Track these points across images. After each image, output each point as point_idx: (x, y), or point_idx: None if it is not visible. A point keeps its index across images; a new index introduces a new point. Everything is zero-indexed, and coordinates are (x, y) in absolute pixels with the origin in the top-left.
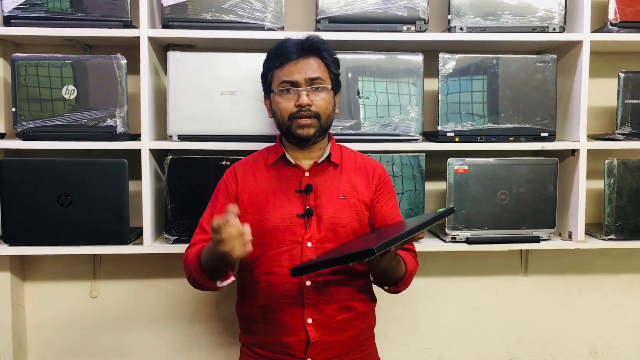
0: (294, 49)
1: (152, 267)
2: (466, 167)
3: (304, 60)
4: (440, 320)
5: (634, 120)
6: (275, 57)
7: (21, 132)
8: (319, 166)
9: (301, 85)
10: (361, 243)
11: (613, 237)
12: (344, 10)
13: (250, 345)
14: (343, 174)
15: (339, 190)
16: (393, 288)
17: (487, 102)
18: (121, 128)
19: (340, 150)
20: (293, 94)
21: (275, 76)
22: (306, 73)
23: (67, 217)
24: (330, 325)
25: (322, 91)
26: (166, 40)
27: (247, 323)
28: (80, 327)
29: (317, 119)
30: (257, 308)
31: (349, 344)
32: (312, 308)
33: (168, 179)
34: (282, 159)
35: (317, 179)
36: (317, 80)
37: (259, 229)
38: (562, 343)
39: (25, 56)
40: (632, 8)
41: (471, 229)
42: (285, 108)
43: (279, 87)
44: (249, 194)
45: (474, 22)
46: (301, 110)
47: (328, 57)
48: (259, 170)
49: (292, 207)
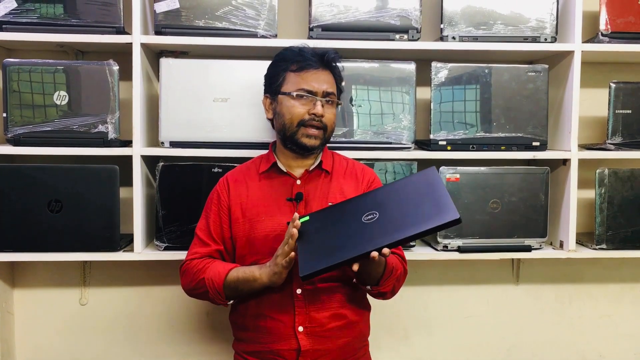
0: (314, 58)
1: (142, 274)
2: (458, 175)
3: (322, 71)
4: (431, 328)
5: (624, 130)
6: (292, 60)
7: (12, 137)
8: (311, 174)
9: (318, 95)
10: (360, 224)
11: (604, 246)
12: (337, 18)
13: (243, 353)
14: (333, 180)
15: (328, 197)
16: (376, 288)
17: (479, 111)
18: (113, 134)
19: (332, 158)
20: (308, 101)
21: (289, 79)
22: (323, 85)
23: (57, 223)
24: (321, 334)
25: (333, 106)
26: (159, 47)
27: (240, 331)
28: (69, 335)
29: (324, 132)
30: (248, 317)
31: (341, 352)
32: (302, 316)
33: (159, 185)
34: (274, 167)
35: (309, 187)
36: (331, 95)
37: (249, 238)
38: (553, 352)
39: (17, 61)
40: (623, 19)
41: (463, 238)
42: (297, 113)
43: (297, 92)
44: (240, 204)
45: (466, 31)
46: (314, 119)
47: (338, 73)
48: (251, 179)
49: (282, 215)
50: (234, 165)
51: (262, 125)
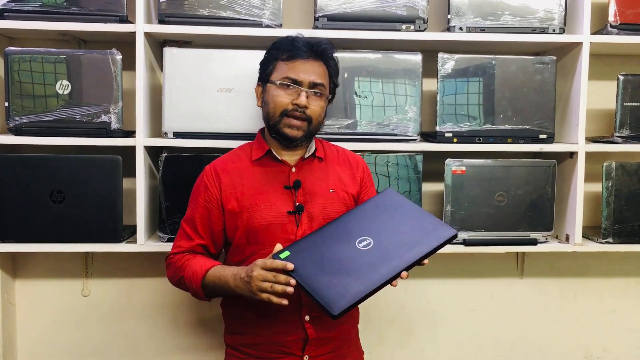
0: (305, 47)
1: (145, 265)
2: (464, 168)
3: (312, 61)
4: (435, 322)
5: (632, 123)
6: (283, 49)
7: (13, 127)
8: (305, 161)
9: (304, 85)
10: None
11: (610, 240)
12: (343, 8)
13: (238, 346)
14: (329, 167)
15: (328, 184)
16: None
17: (485, 103)
18: (115, 124)
19: (322, 145)
20: (293, 91)
21: (278, 67)
22: (311, 76)
23: (59, 214)
24: (325, 322)
25: (321, 98)
26: (162, 36)
27: (236, 324)
28: (71, 326)
29: (308, 124)
30: (249, 308)
31: (342, 338)
32: (309, 306)
33: (162, 176)
34: (268, 154)
35: (304, 174)
36: (319, 87)
37: (249, 228)
38: (557, 346)
39: (18, 50)
40: (632, 10)
41: (468, 231)
42: (280, 102)
43: (281, 81)
44: (234, 194)
45: (473, 22)
46: (296, 109)
47: (333, 65)
48: (244, 168)
49: (282, 204)
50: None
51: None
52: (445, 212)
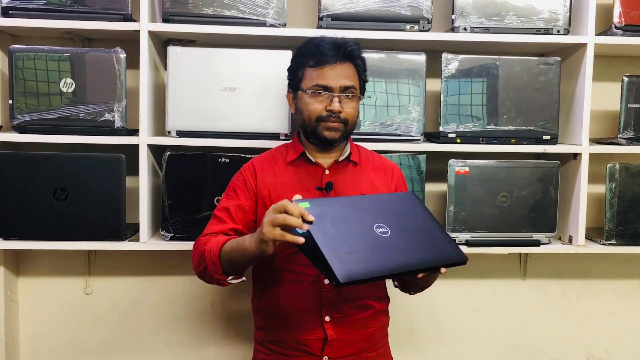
0: (332, 52)
1: (147, 264)
2: (467, 168)
3: (340, 65)
4: (437, 322)
5: (637, 125)
6: (310, 55)
7: (17, 124)
8: (339, 164)
9: (335, 91)
10: None
11: (614, 242)
12: (347, 8)
13: (265, 342)
14: (363, 172)
15: (360, 189)
16: (417, 292)
17: (489, 104)
18: (119, 123)
19: (358, 150)
20: (325, 98)
21: (307, 74)
22: (341, 80)
23: (62, 212)
24: (347, 324)
25: (353, 99)
26: (166, 35)
27: (263, 319)
28: (73, 324)
29: (345, 125)
30: (274, 305)
31: (365, 342)
32: (330, 307)
33: (166, 175)
34: (302, 156)
35: (337, 177)
36: (350, 89)
37: None
38: (559, 348)
39: (23, 48)
40: (637, 11)
41: (471, 232)
42: (314, 110)
43: (312, 89)
44: (268, 190)
45: (477, 22)
46: (331, 115)
47: (361, 64)
48: (278, 167)
49: None
50: (241, 156)
51: (270, 115)
52: (448, 213)
